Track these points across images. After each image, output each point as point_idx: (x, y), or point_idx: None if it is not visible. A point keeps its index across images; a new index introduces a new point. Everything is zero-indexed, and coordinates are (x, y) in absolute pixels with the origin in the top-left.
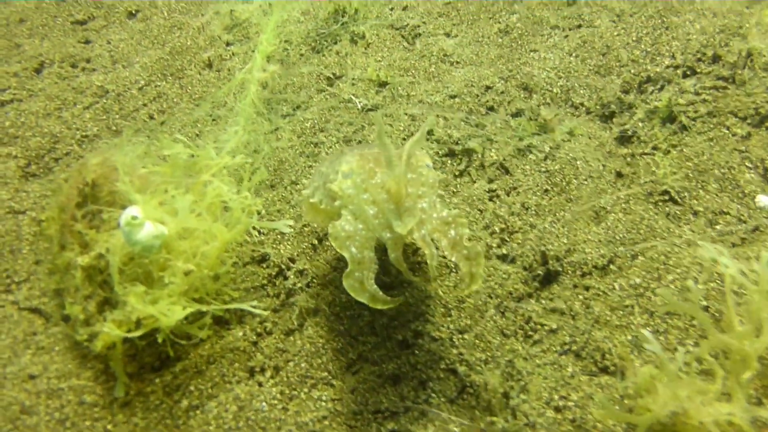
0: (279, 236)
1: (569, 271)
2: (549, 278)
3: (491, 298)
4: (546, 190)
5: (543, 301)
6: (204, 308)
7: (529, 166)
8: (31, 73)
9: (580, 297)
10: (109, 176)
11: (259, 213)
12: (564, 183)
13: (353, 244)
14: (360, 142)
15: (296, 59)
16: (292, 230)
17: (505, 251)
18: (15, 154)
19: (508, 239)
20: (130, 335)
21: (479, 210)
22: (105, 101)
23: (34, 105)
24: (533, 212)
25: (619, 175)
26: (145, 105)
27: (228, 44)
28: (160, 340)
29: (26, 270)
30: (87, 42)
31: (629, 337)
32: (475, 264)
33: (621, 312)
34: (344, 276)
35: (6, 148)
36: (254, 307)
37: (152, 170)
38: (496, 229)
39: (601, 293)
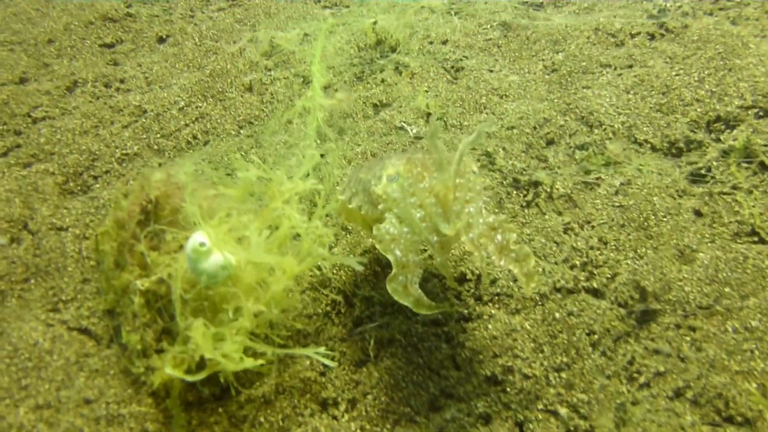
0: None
1: (668, 310)
2: (647, 316)
3: (587, 335)
4: (622, 225)
5: (644, 341)
6: (270, 351)
7: (600, 200)
8: (63, 91)
9: (687, 338)
10: (172, 194)
11: (331, 247)
12: (641, 219)
13: (398, 247)
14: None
15: (340, 87)
16: (364, 268)
17: (595, 285)
18: (52, 170)
19: (595, 272)
20: (190, 378)
21: (555, 242)
22: (144, 120)
23: (70, 122)
24: (613, 247)
25: (699, 214)
26: (187, 125)
27: (268, 70)
28: (222, 380)
29: (73, 288)
30: (116, 64)
31: (755, 385)
32: (526, 263)
33: (739, 357)
34: (388, 279)
35: (42, 164)
36: (320, 353)
37: (222, 192)
38: (577, 262)
39: (711, 335)
